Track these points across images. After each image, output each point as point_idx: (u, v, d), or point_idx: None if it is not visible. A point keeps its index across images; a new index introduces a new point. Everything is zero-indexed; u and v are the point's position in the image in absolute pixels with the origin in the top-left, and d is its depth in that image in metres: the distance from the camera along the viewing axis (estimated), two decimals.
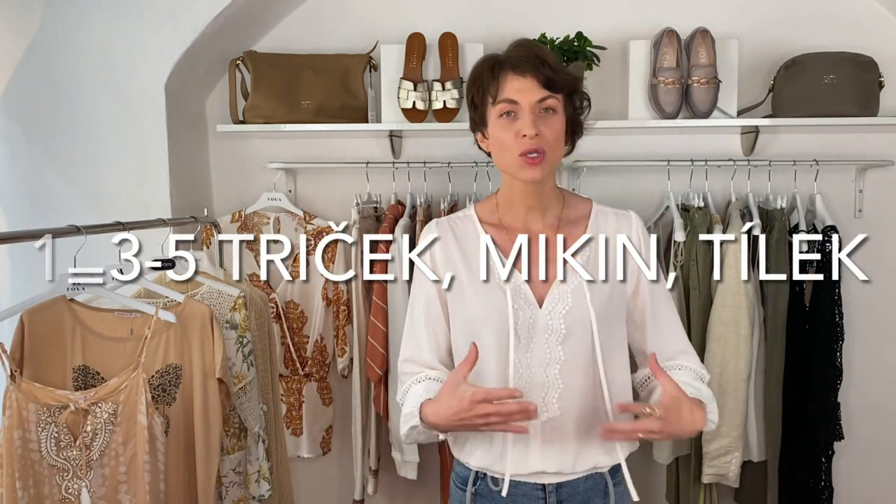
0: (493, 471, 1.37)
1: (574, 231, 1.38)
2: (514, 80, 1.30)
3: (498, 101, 1.31)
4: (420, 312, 1.42)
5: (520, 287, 1.35)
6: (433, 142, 2.49)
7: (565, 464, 1.35)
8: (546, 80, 1.29)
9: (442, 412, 1.23)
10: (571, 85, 1.34)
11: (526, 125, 1.28)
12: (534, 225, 1.39)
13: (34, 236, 1.56)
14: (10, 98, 2.26)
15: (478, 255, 1.37)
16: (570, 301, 1.33)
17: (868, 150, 2.41)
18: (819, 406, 2.24)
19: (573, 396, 1.34)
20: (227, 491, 1.84)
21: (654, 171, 2.36)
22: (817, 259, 2.23)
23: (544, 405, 1.33)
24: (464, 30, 2.33)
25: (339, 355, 2.42)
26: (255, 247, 2.45)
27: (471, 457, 1.39)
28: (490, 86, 1.32)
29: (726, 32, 2.30)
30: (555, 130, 1.31)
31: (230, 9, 2.20)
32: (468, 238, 1.40)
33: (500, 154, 1.34)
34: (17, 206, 2.30)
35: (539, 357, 1.33)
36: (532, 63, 1.29)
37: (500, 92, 1.30)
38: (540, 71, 1.29)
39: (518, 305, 1.33)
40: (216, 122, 2.45)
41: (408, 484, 2.45)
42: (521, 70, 1.29)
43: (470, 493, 1.40)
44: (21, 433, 1.56)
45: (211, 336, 1.70)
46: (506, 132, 1.30)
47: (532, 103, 1.29)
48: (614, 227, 1.40)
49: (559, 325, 1.33)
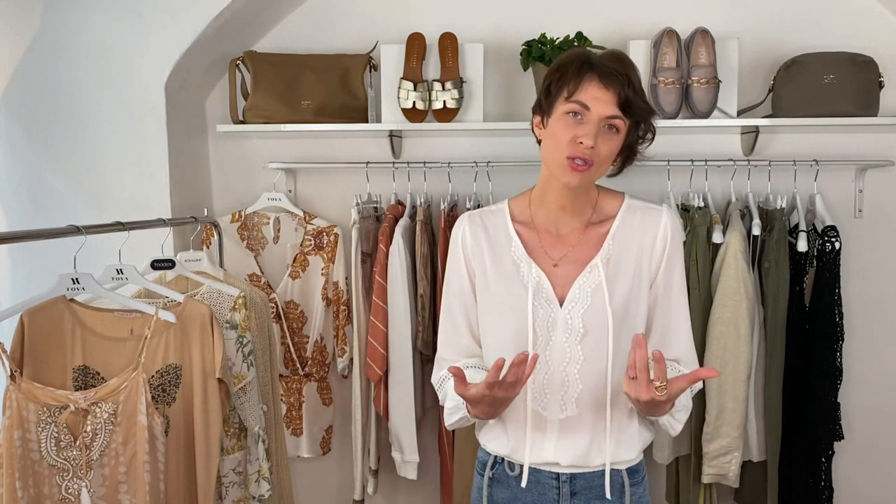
0: (510, 458, 1.41)
1: (599, 229, 1.40)
2: (595, 88, 1.30)
3: (572, 99, 1.31)
4: (455, 299, 1.46)
5: (542, 285, 1.37)
6: (433, 142, 2.49)
7: (577, 458, 1.37)
8: (624, 101, 1.30)
9: (476, 412, 1.33)
10: (644, 115, 1.35)
11: (588, 134, 1.29)
12: (563, 225, 1.41)
13: (34, 236, 1.56)
14: (10, 98, 2.26)
15: (504, 252, 1.41)
16: (590, 300, 1.35)
17: (868, 150, 2.41)
18: (819, 406, 2.24)
19: (591, 397, 1.36)
20: (227, 491, 1.84)
21: (654, 171, 2.36)
22: (817, 259, 2.23)
23: (563, 403, 1.36)
24: (464, 30, 2.33)
25: (339, 355, 2.43)
26: (255, 247, 2.45)
27: (490, 442, 1.44)
28: (571, 81, 1.32)
29: (726, 32, 2.31)
30: (610, 149, 1.32)
31: (230, 9, 2.20)
32: (498, 233, 1.43)
33: (551, 148, 1.34)
34: (17, 206, 2.30)
35: (558, 355, 1.35)
36: (620, 80, 1.30)
37: (578, 92, 1.31)
38: (623, 90, 1.29)
39: (538, 303, 1.35)
40: (216, 122, 2.46)
41: (408, 484, 2.46)
42: (606, 81, 1.30)
43: (487, 478, 1.44)
44: (21, 433, 1.56)
45: (211, 336, 1.70)
46: (565, 131, 1.31)
47: (602, 116, 1.30)
48: (640, 225, 1.40)
49: (578, 324, 1.35)
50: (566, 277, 1.37)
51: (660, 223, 1.40)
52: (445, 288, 1.49)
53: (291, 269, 2.42)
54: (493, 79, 2.42)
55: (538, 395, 1.36)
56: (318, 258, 2.42)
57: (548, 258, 1.39)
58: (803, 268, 2.24)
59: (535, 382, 1.36)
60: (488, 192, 2.34)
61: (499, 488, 1.43)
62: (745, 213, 2.28)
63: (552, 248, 1.40)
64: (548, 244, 1.40)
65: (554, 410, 1.36)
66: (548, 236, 1.41)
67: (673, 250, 1.40)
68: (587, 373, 1.35)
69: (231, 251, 2.41)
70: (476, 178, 2.34)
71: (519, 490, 1.40)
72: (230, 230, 2.42)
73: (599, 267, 1.36)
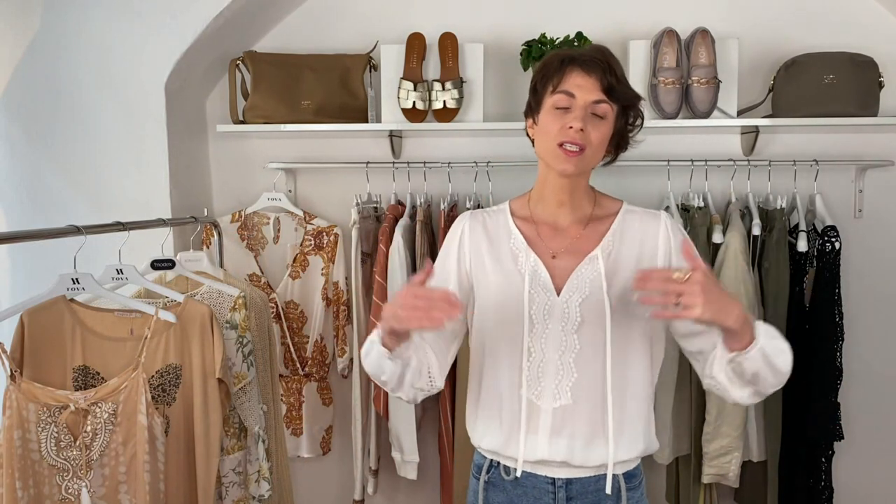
0: (503, 455, 1.40)
1: (600, 226, 1.42)
2: (578, 76, 1.34)
3: (557, 90, 1.35)
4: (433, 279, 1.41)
5: (539, 274, 1.38)
6: (433, 142, 2.49)
7: (573, 455, 1.36)
8: (607, 86, 1.34)
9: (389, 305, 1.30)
10: (629, 99, 1.38)
11: (575, 119, 1.32)
12: (562, 220, 1.43)
13: (34, 236, 1.57)
14: (10, 98, 2.26)
15: (504, 244, 1.43)
16: (588, 290, 1.36)
17: (868, 150, 2.41)
18: (819, 406, 2.23)
19: (586, 387, 1.36)
20: (227, 491, 1.84)
21: (654, 171, 2.36)
22: (817, 259, 2.23)
23: (557, 392, 1.36)
24: (464, 30, 2.33)
25: (339, 355, 2.42)
26: (255, 247, 2.45)
27: (482, 439, 1.43)
28: (555, 75, 1.36)
29: (726, 32, 2.31)
30: (600, 134, 1.35)
31: (230, 9, 2.20)
32: (498, 229, 1.45)
33: (543, 140, 1.38)
34: (17, 206, 2.30)
35: (554, 344, 1.36)
36: (601, 66, 1.34)
37: (562, 83, 1.35)
38: (605, 75, 1.33)
39: (535, 291, 1.37)
40: (216, 122, 2.46)
41: (408, 484, 2.46)
42: (587, 69, 1.34)
43: (483, 482, 1.44)
44: (21, 433, 1.56)
45: (211, 336, 1.70)
46: (555, 122, 1.35)
47: (587, 102, 1.33)
48: (640, 226, 1.42)
49: (575, 313, 1.35)
50: (564, 269, 1.38)
51: (660, 224, 1.42)
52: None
53: (291, 269, 2.42)
54: (493, 79, 2.42)
55: (532, 383, 1.36)
56: (318, 258, 2.42)
57: (547, 249, 1.41)
58: (803, 268, 2.24)
59: (529, 370, 1.36)
60: (488, 192, 2.34)
61: (494, 492, 1.43)
62: (745, 213, 2.28)
63: (551, 241, 1.41)
64: (547, 237, 1.42)
65: (547, 399, 1.36)
66: (547, 229, 1.42)
67: (678, 247, 1.39)
68: (583, 362, 1.35)
69: (231, 251, 2.41)
70: (476, 178, 2.34)
71: (514, 494, 1.40)
72: (230, 230, 2.42)
73: (599, 258, 1.37)
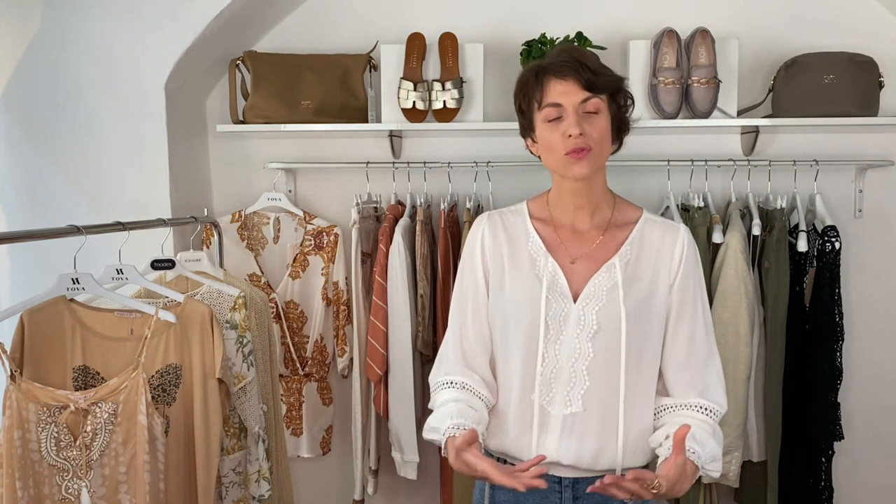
0: (511, 456, 1.40)
1: (619, 234, 1.42)
2: (556, 84, 1.35)
3: (543, 105, 1.36)
4: (469, 300, 1.45)
5: (556, 280, 1.38)
6: (433, 142, 2.49)
7: (581, 459, 1.37)
8: (587, 82, 1.34)
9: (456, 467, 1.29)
10: (613, 85, 1.39)
11: (571, 125, 1.33)
12: (581, 224, 1.43)
13: (34, 236, 1.56)
14: (10, 98, 2.26)
15: (522, 247, 1.43)
16: (605, 298, 1.36)
17: (868, 150, 2.41)
18: (819, 406, 2.24)
19: (598, 395, 1.36)
20: (227, 491, 1.84)
21: (654, 171, 2.36)
22: (817, 259, 2.23)
23: (568, 399, 1.36)
24: (464, 30, 2.33)
25: (339, 355, 2.43)
26: (255, 247, 2.45)
27: (490, 440, 1.43)
28: (535, 91, 1.38)
29: (726, 32, 2.31)
30: (599, 129, 1.36)
31: (230, 9, 2.20)
32: (517, 229, 1.45)
33: (549, 155, 1.39)
34: (17, 206, 2.30)
35: (568, 351, 1.36)
36: (572, 67, 1.35)
37: (545, 96, 1.36)
38: (580, 74, 1.34)
39: (552, 296, 1.37)
40: (216, 122, 2.46)
41: (408, 484, 2.46)
42: (562, 74, 1.35)
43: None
44: (21, 433, 1.56)
45: (211, 336, 1.70)
46: (552, 134, 1.36)
47: (575, 104, 1.34)
48: (659, 238, 1.42)
49: (591, 321, 1.35)
50: (582, 274, 1.38)
51: (678, 238, 1.42)
52: (459, 285, 1.48)
53: (291, 269, 2.42)
54: (493, 79, 2.42)
55: (544, 389, 1.37)
56: (318, 258, 2.42)
57: (566, 254, 1.41)
58: (803, 268, 2.24)
59: (542, 377, 1.36)
60: (488, 192, 2.33)
61: (501, 491, 1.43)
62: (745, 213, 2.28)
63: (571, 245, 1.41)
64: (567, 241, 1.42)
65: (558, 406, 1.36)
66: (567, 233, 1.42)
67: (688, 269, 1.40)
68: (596, 370, 1.35)
69: (231, 251, 2.41)
70: (476, 178, 2.34)
71: (521, 493, 1.40)
72: (230, 230, 2.42)
73: (617, 267, 1.37)
